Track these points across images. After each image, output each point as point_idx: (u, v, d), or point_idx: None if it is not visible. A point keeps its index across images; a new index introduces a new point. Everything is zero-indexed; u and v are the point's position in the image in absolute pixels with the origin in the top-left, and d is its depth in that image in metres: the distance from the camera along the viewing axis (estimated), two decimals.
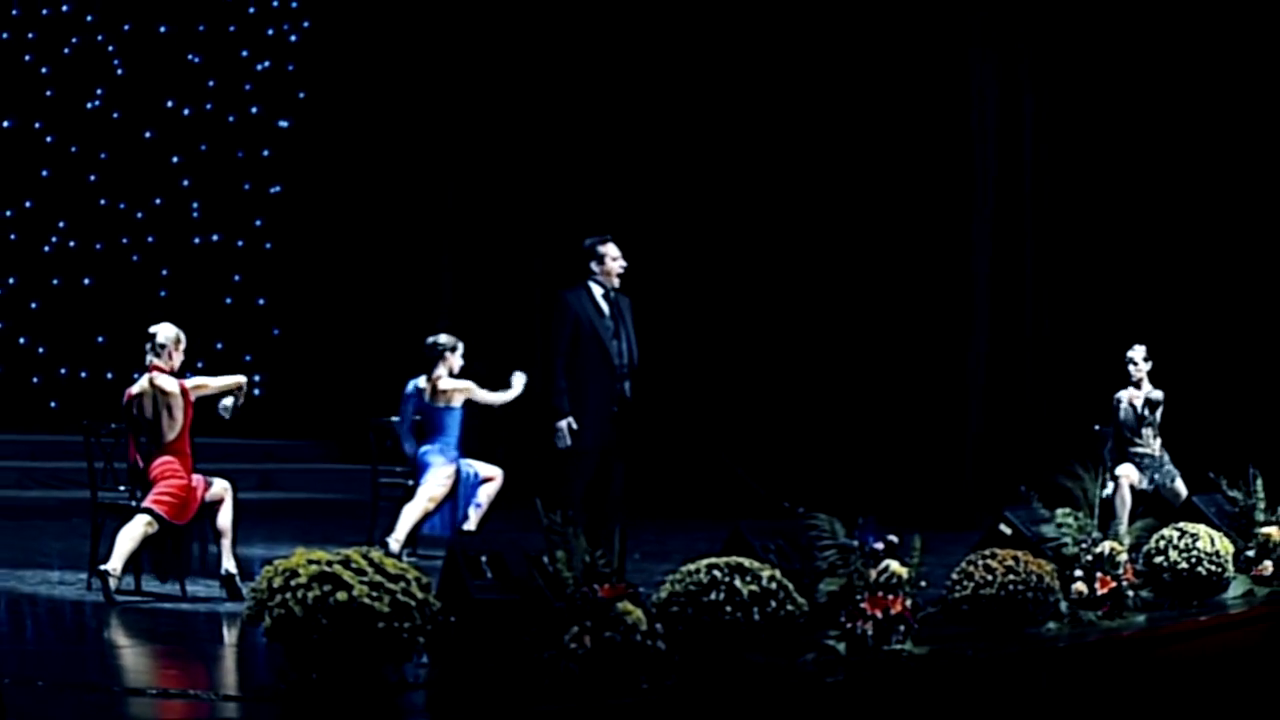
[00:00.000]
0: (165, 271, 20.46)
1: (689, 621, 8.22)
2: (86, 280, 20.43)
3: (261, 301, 20.51)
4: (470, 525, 12.75)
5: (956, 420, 17.57)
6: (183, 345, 11.02)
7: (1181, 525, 11.38)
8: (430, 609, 7.55)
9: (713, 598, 8.24)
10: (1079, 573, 10.31)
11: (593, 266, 11.68)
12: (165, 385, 10.85)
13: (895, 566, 8.91)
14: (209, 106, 20.49)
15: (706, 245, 18.36)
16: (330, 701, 7.35)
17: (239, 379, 11.23)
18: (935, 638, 9.14)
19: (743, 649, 8.23)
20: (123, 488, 11.09)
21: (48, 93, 20.36)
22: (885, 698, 8.55)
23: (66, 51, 20.40)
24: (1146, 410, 13.70)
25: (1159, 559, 11.19)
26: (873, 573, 8.87)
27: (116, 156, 20.44)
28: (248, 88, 20.55)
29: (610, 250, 11.66)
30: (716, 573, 8.33)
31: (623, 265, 11.68)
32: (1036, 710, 9.27)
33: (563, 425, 11.45)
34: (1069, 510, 10.50)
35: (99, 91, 20.44)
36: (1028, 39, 17.64)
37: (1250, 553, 11.79)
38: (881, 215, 17.79)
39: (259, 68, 20.57)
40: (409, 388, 13.19)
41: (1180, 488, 13.59)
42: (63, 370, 20.35)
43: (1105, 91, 17.35)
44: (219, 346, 19.86)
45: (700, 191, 18.41)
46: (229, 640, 9.83)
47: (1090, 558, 10.33)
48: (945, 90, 17.63)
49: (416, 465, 13.01)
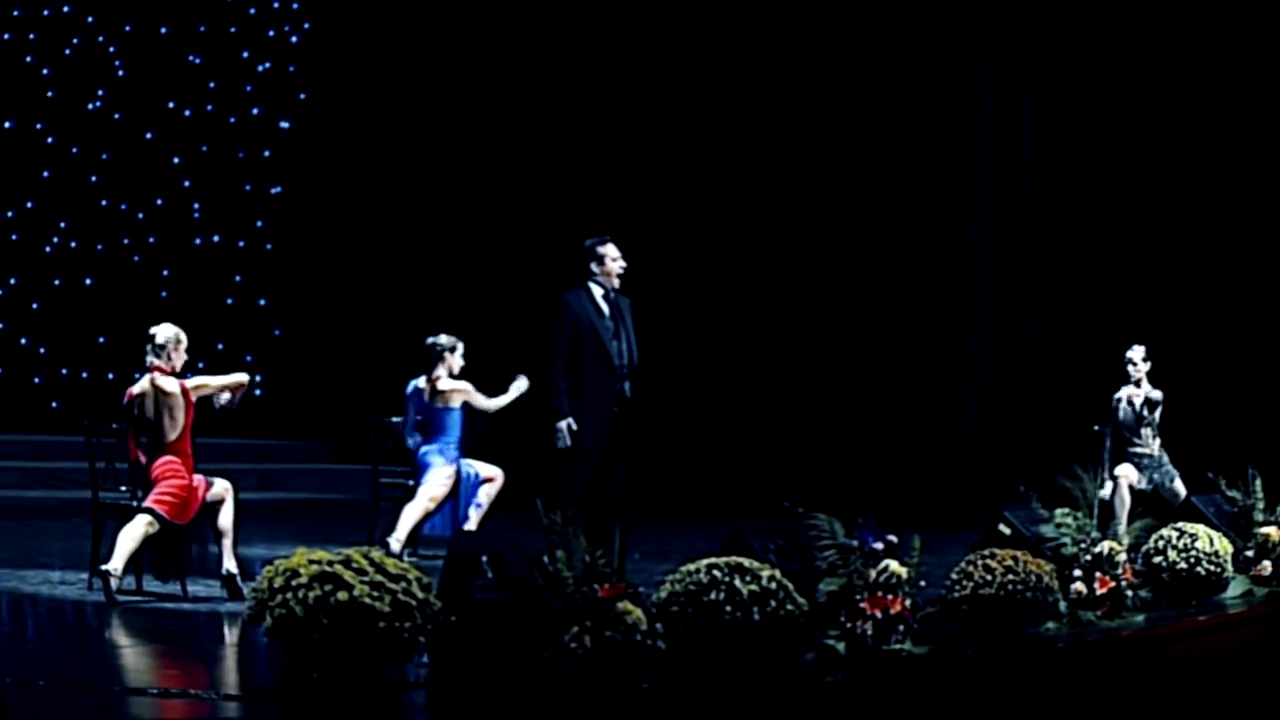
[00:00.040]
0: (166, 272, 20.47)
1: (689, 621, 8.22)
2: (88, 281, 20.44)
3: (262, 302, 20.51)
4: (471, 525, 12.76)
5: (956, 420, 17.57)
6: (183, 345, 11.01)
7: (1180, 525, 11.37)
8: (431, 609, 7.56)
9: (713, 597, 8.25)
10: (1078, 573, 10.31)
11: (592, 267, 11.68)
12: (166, 386, 10.85)
13: (895, 566, 8.92)
14: (210, 107, 20.50)
15: (706, 245, 18.36)
16: (331, 701, 7.36)
17: (241, 377, 11.24)
18: (934, 637, 9.15)
19: (743, 649, 8.23)
20: (124, 488, 11.09)
21: (49, 93, 20.37)
22: (885, 697, 8.55)
23: (68, 52, 20.42)
24: (1145, 410, 13.70)
25: (1158, 559, 11.19)
26: (872, 573, 8.88)
27: (118, 157, 20.45)
28: (249, 89, 20.56)
29: (610, 251, 11.66)
30: (716, 573, 8.33)
31: (622, 266, 11.68)
32: (1036, 710, 9.27)
33: (563, 426, 11.45)
34: (1068, 510, 10.50)
35: (100, 92, 20.45)
36: (1026, 39, 17.65)
37: (1249, 553, 11.79)
38: (881, 216, 17.80)
39: (260, 69, 20.58)
40: (410, 388, 13.23)
41: (1179, 488, 13.59)
42: (64, 371, 20.36)
43: (1104, 91, 17.34)
44: (220, 347, 19.87)
45: (700, 192, 18.41)
46: (230, 640, 9.83)
47: (1089, 558, 10.33)
48: (944, 91, 17.63)
49: (417, 465, 13.04)
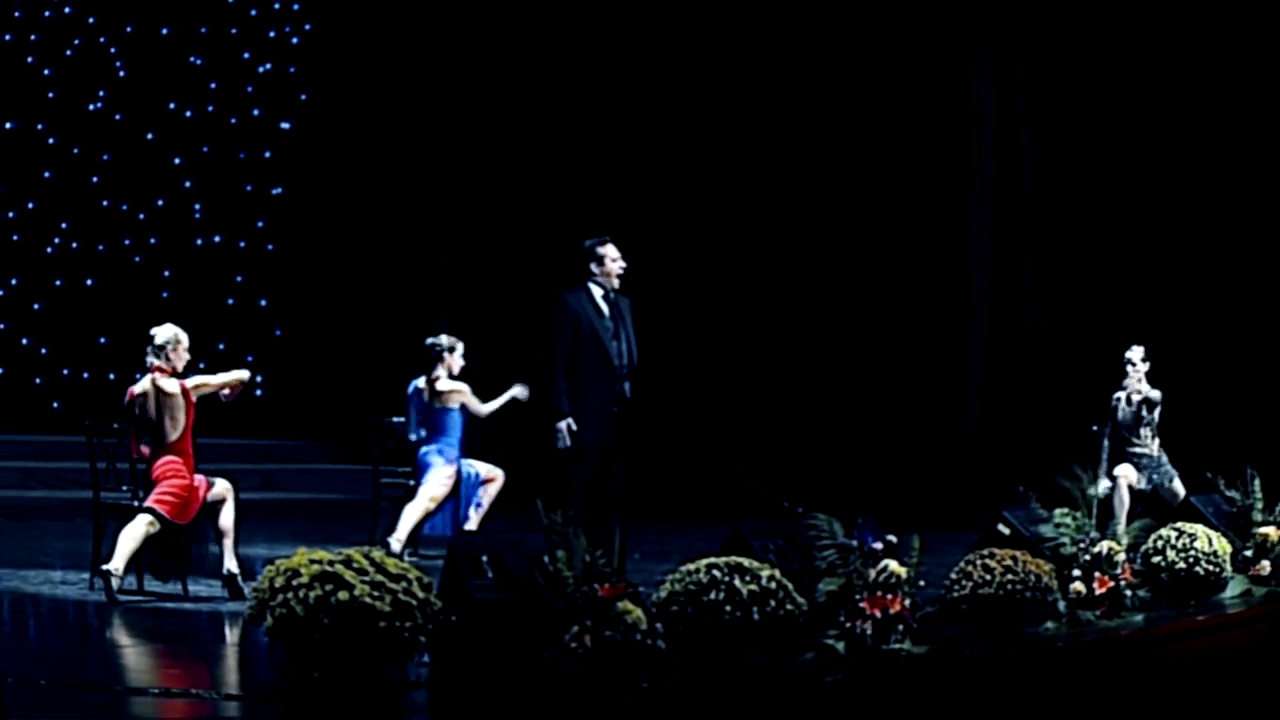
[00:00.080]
0: (167, 272, 20.49)
1: (689, 621, 8.24)
2: (89, 281, 20.45)
3: (263, 302, 20.54)
4: (471, 525, 12.79)
5: (955, 420, 17.58)
6: (183, 346, 11.01)
7: (1179, 525, 11.37)
8: (431, 608, 7.57)
9: (712, 597, 8.26)
10: (1077, 572, 10.31)
11: (592, 267, 11.68)
12: (167, 387, 10.87)
13: (894, 566, 8.93)
14: (211, 108, 20.52)
15: (706, 245, 18.38)
16: (332, 701, 7.37)
17: (241, 375, 11.24)
18: (934, 637, 9.16)
19: (742, 648, 8.25)
20: (125, 488, 11.11)
21: (50, 94, 20.38)
22: (884, 697, 8.56)
23: (69, 53, 20.43)
24: (1144, 410, 13.70)
25: (1157, 559, 11.19)
26: (872, 572, 8.89)
27: (119, 158, 20.46)
28: (249, 90, 20.58)
29: (610, 251, 11.66)
30: (716, 572, 8.35)
31: (622, 266, 11.68)
32: (1035, 709, 9.27)
33: (563, 426, 11.45)
34: (1067, 510, 10.50)
35: (101, 93, 20.47)
36: (1025, 39, 17.66)
37: (1248, 552, 11.79)
38: (880, 216, 17.81)
39: (261, 70, 20.60)
40: (410, 388, 13.26)
41: (1178, 488, 13.59)
42: (65, 371, 20.37)
43: (1103, 91, 17.36)
44: (221, 347, 19.88)
45: (700, 192, 18.43)
46: (231, 640, 9.84)
47: (1088, 557, 10.34)
48: (943, 91, 17.65)
49: (417, 465, 13.07)
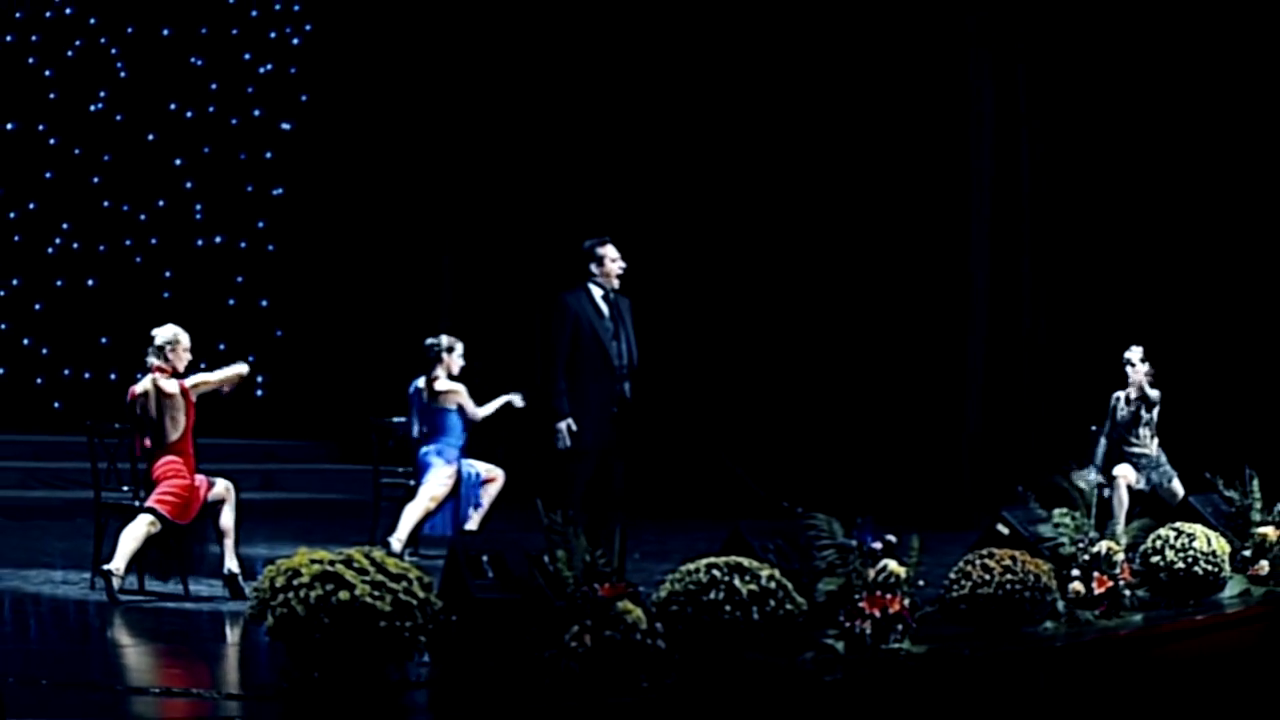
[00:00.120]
0: (168, 273, 20.51)
1: (689, 620, 8.24)
2: (90, 282, 20.46)
3: (264, 303, 20.55)
4: (472, 525, 12.80)
5: (954, 420, 17.59)
6: (182, 346, 11.02)
7: (1178, 525, 11.37)
8: (432, 608, 7.59)
9: (712, 597, 8.27)
10: (1076, 572, 10.31)
11: (592, 268, 11.69)
12: (166, 387, 10.89)
13: (893, 566, 8.94)
14: (212, 109, 20.53)
15: (706, 246, 18.39)
16: (332, 700, 7.39)
17: (239, 369, 11.22)
18: (933, 637, 9.17)
19: (742, 648, 8.25)
20: (126, 488, 11.13)
21: (51, 95, 20.39)
22: (883, 696, 8.57)
23: (70, 54, 20.45)
24: (1143, 409, 13.72)
25: (1156, 559, 11.20)
26: (871, 572, 8.90)
27: (120, 159, 20.47)
28: (250, 90, 20.59)
29: (609, 252, 11.67)
30: (716, 572, 8.35)
31: (622, 267, 11.69)
32: (1034, 709, 9.28)
33: (563, 426, 11.47)
34: (1066, 510, 10.52)
35: (102, 94, 20.47)
36: (1025, 39, 17.67)
37: (1246, 552, 11.79)
38: (879, 216, 17.82)
39: (261, 70, 20.61)
40: (412, 387, 13.28)
41: (1177, 488, 13.61)
42: (66, 371, 20.38)
43: (1103, 92, 17.37)
44: (222, 347, 19.87)
45: (700, 193, 18.44)
46: (231, 639, 9.85)
47: (1087, 557, 10.34)
48: (943, 91, 17.66)
49: (418, 465, 13.08)
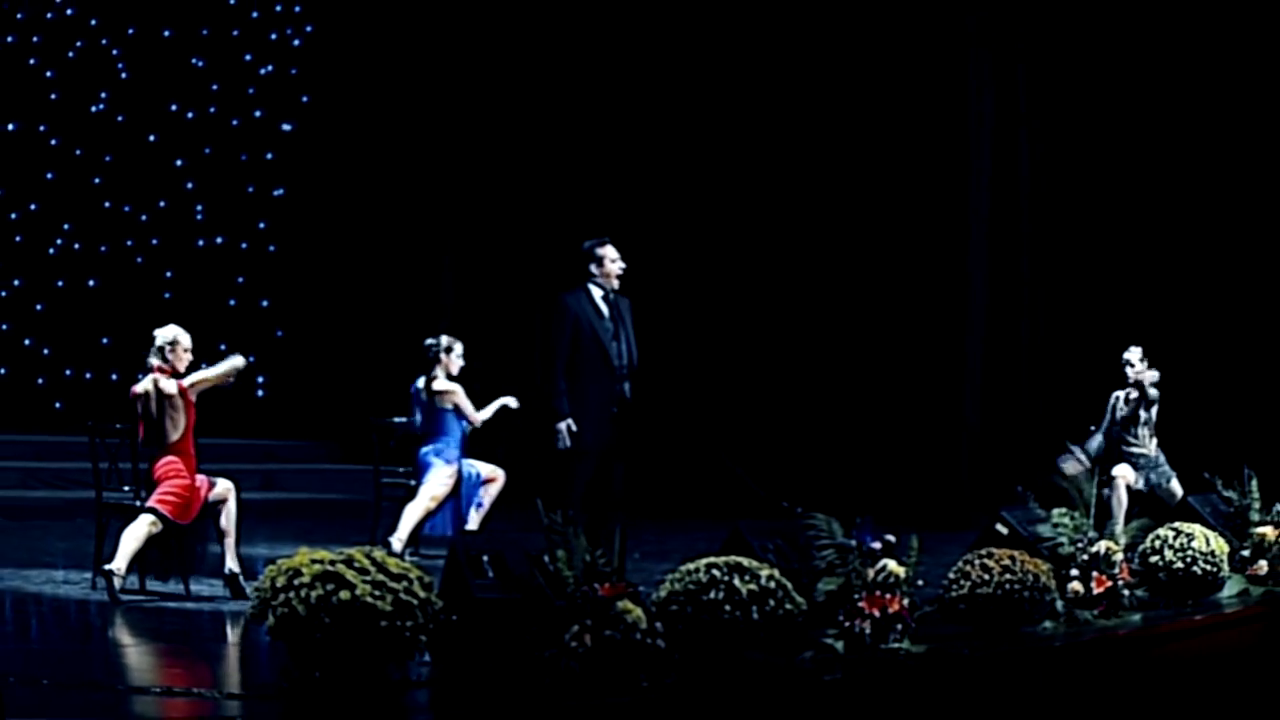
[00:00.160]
0: (169, 273, 20.52)
1: (688, 620, 8.25)
2: (91, 282, 20.48)
3: (265, 303, 20.55)
4: (472, 525, 12.82)
5: (953, 420, 17.61)
6: (182, 346, 11.00)
7: (1177, 525, 11.38)
8: (432, 608, 7.60)
9: (712, 597, 8.28)
10: (1075, 572, 10.32)
11: (592, 269, 11.69)
12: (166, 388, 10.90)
13: (893, 566, 8.96)
14: (212, 110, 20.54)
15: (706, 246, 18.39)
16: (333, 700, 7.40)
17: (236, 362, 11.19)
18: (932, 636, 9.19)
19: (742, 647, 8.26)
20: (127, 488, 11.14)
21: (52, 96, 20.42)
22: (883, 696, 8.58)
23: (71, 55, 20.47)
24: (1141, 408, 13.73)
25: (1154, 558, 11.21)
26: (870, 572, 8.92)
27: (121, 159, 20.49)
28: (251, 91, 20.59)
29: (609, 252, 11.67)
30: (716, 572, 8.36)
31: (622, 267, 11.69)
32: (1033, 709, 9.29)
33: (563, 426, 11.47)
34: (1065, 510, 10.53)
35: (103, 95, 20.49)
36: (1025, 39, 17.69)
37: (1245, 552, 11.80)
38: (878, 216, 17.83)
39: (262, 71, 20.61)
40: (413, 387, 13.31)
41: (1176, 488, 13.62)
42: (67, 371, 20.40)
43: (1102, 92, 17.38)
44: (223, 348, 19.79)
45: (699, 193, 18.44)
46: (232, 639, 9.86)
47: (1086, 557, 10.36)
48: (942, 91, 17.67)
49: (418, 465, 13.10)
